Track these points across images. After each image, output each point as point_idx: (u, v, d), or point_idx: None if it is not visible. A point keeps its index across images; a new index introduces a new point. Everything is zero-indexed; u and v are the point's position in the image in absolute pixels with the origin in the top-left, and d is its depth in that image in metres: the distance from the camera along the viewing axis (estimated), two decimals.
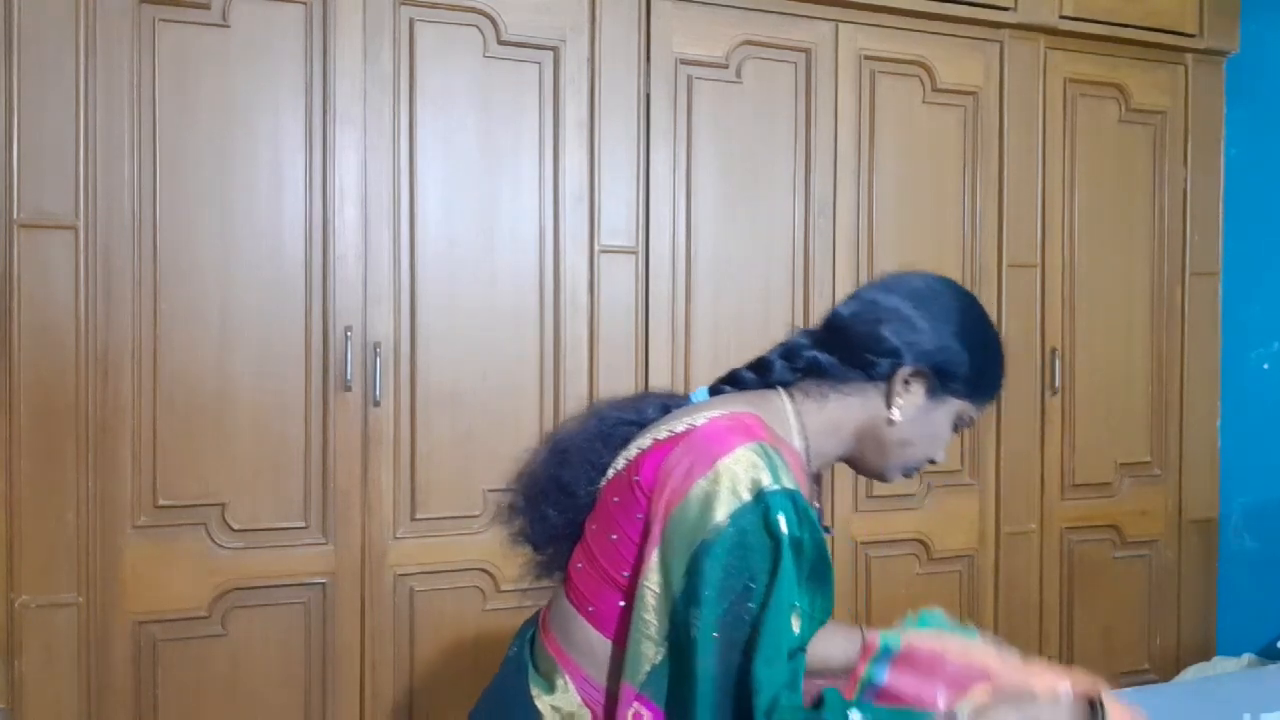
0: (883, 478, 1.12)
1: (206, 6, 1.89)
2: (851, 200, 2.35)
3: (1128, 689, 2.20)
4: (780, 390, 1.11)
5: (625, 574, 1.01)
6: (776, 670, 0.90)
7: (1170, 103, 2.67)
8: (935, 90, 2.42)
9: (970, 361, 1.06)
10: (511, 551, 1.21)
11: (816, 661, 1.14)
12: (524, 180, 2.10)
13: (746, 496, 0.93)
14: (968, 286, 2.39)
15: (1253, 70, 2.68)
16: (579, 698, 1.04)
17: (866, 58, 2.36)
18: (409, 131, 2.02)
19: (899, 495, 2.41)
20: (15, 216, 1.78)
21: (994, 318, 2.41)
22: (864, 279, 2.36)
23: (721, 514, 0.93)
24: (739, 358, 2.22)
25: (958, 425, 1.10)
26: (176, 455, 1.88)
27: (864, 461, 1.11)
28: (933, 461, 1.12)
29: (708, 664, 0.91)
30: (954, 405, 1.08)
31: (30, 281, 1.79)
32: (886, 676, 1.19)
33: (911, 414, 1.06)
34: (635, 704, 0.95)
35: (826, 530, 1.07)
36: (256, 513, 1.93)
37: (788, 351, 1.13)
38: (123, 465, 1.85)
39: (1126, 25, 2.56)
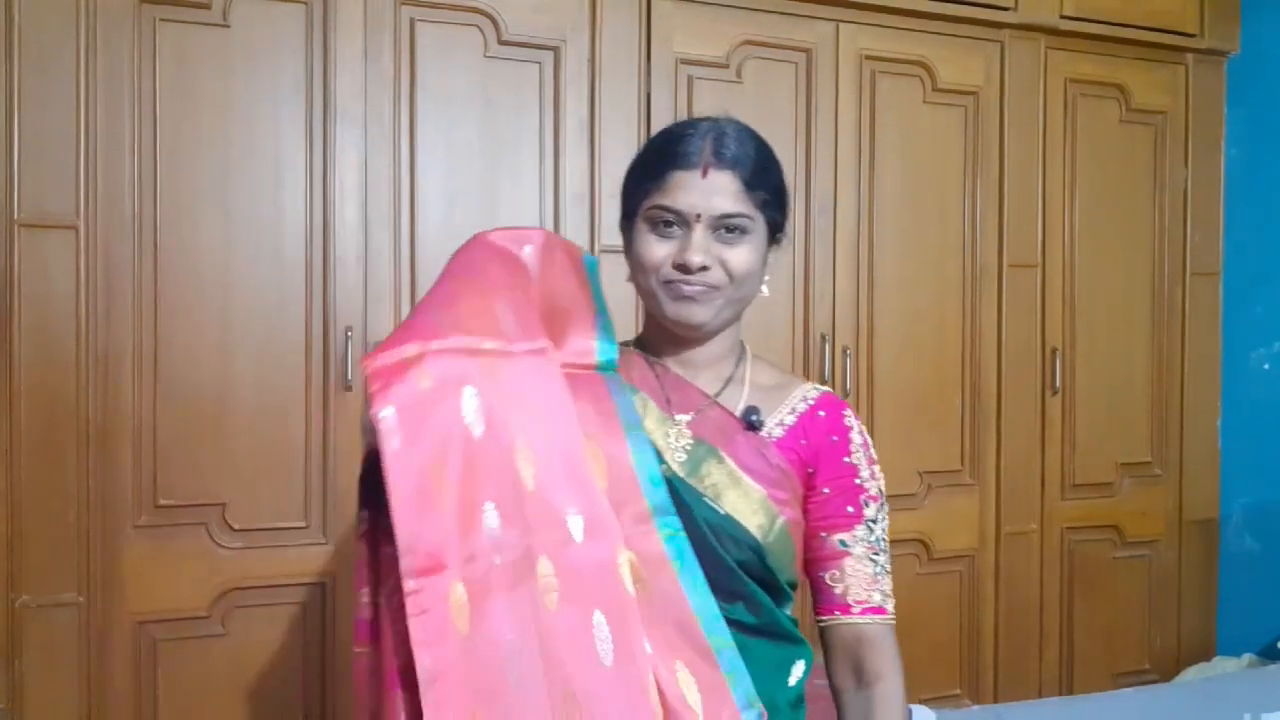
0: (669, 318, 1.19)
1: (207, 6, 1.89)
2: (851, 200, 2.35)
3: (1128, 689, 2.21)
4: None
5: None
6: None
7: (1170, 103, 2.67)
8: (936, 90, 2.42)
9: (623, 188, 1.21)
10: None
11: None
12: (524, 180, 2.09)
13: None
14: (968, 286, 2.46)
15: (1253, 70, 2.68)
16: None
17: (867, 58, 2.36)
18: (409, 131, 2.02)
19: (899, 495, 2.40)
20: (15, 216, 1.78)
21: (994, 317, 2.46)
22: (864, 279, 2.37)
23: None
24: None
25: (655, 223, 1.17)
26: (176, 455, 1.88)
27: (655, 320, 1.24)
28: (683, 269, 1.15)
29: None
30: (638, 222, 1.18)
31: (30, 281, 1.79)
32: None
33: (628, 255, 1.22)
34: None
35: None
36: (256, 513, 1.92)
37: None
38: (123, 465, 1.85)
39: (1127, 25, 2.56)
